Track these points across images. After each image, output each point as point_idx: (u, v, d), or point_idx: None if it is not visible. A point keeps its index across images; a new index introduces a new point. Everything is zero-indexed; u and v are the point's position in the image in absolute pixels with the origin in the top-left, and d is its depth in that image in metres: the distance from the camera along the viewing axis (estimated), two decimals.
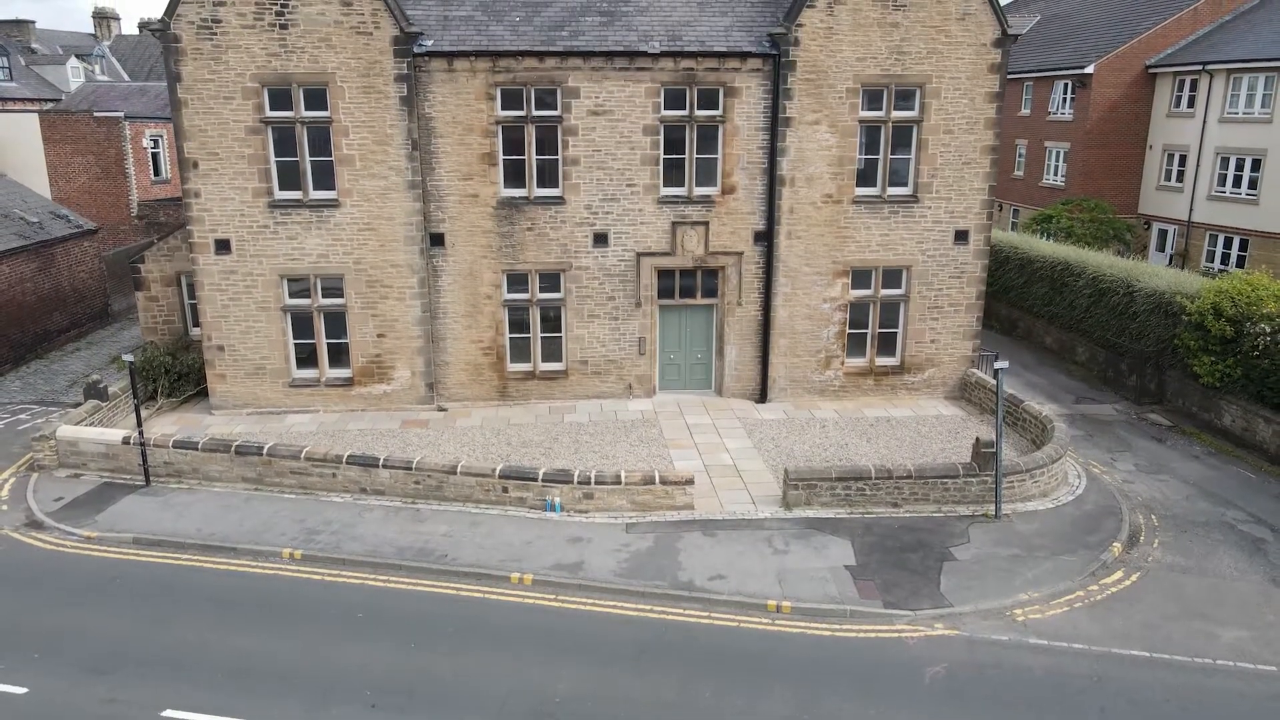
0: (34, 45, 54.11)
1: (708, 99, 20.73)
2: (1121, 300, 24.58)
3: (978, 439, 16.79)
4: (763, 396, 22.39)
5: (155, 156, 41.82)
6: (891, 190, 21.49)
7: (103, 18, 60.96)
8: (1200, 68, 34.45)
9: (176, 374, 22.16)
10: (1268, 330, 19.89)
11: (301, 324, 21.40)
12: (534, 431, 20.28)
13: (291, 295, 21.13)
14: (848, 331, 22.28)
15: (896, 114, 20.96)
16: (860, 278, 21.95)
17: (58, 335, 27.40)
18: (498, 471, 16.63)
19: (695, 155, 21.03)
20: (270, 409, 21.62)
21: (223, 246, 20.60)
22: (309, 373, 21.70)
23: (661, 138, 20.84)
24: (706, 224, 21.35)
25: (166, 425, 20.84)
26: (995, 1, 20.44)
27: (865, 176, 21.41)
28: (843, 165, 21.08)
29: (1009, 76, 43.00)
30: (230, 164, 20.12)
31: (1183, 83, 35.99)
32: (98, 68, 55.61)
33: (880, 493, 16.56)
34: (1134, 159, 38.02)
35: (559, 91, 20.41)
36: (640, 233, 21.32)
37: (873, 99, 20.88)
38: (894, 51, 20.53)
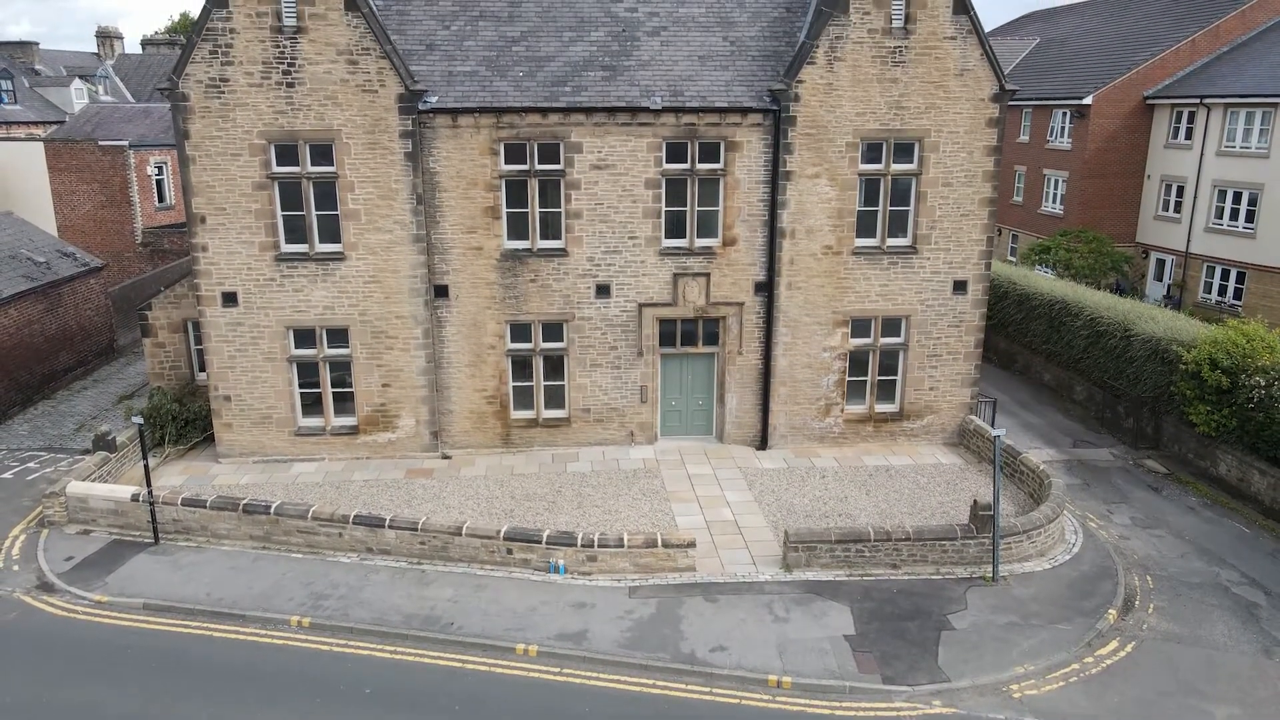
0: (38, 66, 54.43)
1: (709, 153, 20.98)
2: (1119, 343, 24.82)
3: (975, 501, 17.03)
4: (763, 443, 22.63)
5: (159, 183, 42.08)
6: (891, 241, 21.74)
7: (106, 36, 61.22)
8: (1198, 101, 34.70)
9: (184, 420, 22.41)
10: (1262, 383, 20.14)
11: (307, 373, 21.65)
12: (537, 483, 20.52)
13: (297, 346, 21.37)
14: (847, 379, 22.52)
15: (896, 167, 21.20)
16: (860, 327, 22.19)
17: (65, 374, 27.64)
18: (502, 533, 16.87)
19: (696, 208, 21.28)
20: (276, 457, 21.86)
21: (230, 299, 20.85)
22: (315, 421, 21.94)
23: (663, 191, 21.09)
24: (708, 275, 21.60)
25: (174, 474, 21.09)
26: (993, 58, 20.68)
27: (865, 227, 21.65)
28: (842, 217, 21.32)
29: (1010, 105, 43.30)
30: (237, 218, 20.37)
31: (1180, 114, 36.24)
32: (101, 88, 55.87)
33: (879, 554, 16.81)
34: (1132, 189, 38.27)
35: (562, 146, 20.66)
36: (642, 284, 21.56)
37: (872, 152, 21.13)
38: (893, 106, 20.77)
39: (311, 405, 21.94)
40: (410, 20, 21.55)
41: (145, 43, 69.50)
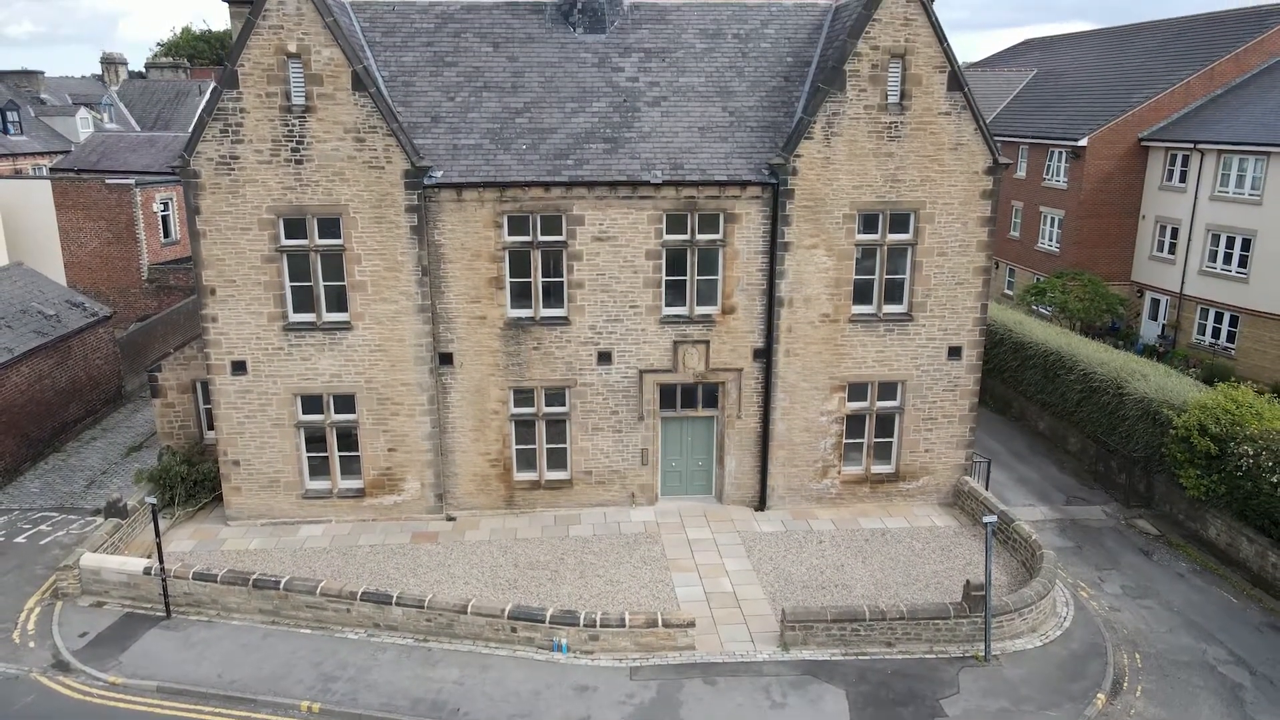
0: (43, 95, 54.89)
1: (708, 224, 21.41)
2: (1111, 400, 25.25)
3: (968, 582, 17.45)
4: (762, 504, 23.06)
5: (165, 219, 42.45)
6: (887, 308, 22.16)
7: (110, 63, 61.67)
8: (1192, 145, 35.12)
9: (193, 481, 22.86)
10: (1250, 452, 20.55)
11: (314, 438, 22.07)
12: (541, 548, 20.94)
13: (305, 412, 21.80)
14: (844, 441, 22.94)
15: (892, 237, 21.64)
16: (856, 391, 22.62)
17: (74, 424, 28.07)
18: (506, 612, 17.29)
19: (696, 277, 21.71)
20: (284, 519, 22.29)
21: (239, 368, 21.28)
22: (321, 484, 22.37)
23: (664, 261, 21.52)
24: (707, 342, 22.03)
25: (184, 538, 21.52)
26: (986, 133, 21.11)
27: (861, 295, 22.07)
28: (839, 286, 21.75)
29: (1006, 140, 43.86)
30: (247, 290, 20.81)
31: (1175, 157, 36.68)
32: (106, 115, 56.36)
33: (875, 633, 17.23)
34: (1127, 228, 38.71)
35: (564, 219, 21.09)
36: (643, 351, 21.99)
37: (868, 223, 21.56)
38: (889, 179, 21.21)
39: (318, 467, 22.37)
40: (416, 91, 21.98)
41: (149, 65, 70.04)
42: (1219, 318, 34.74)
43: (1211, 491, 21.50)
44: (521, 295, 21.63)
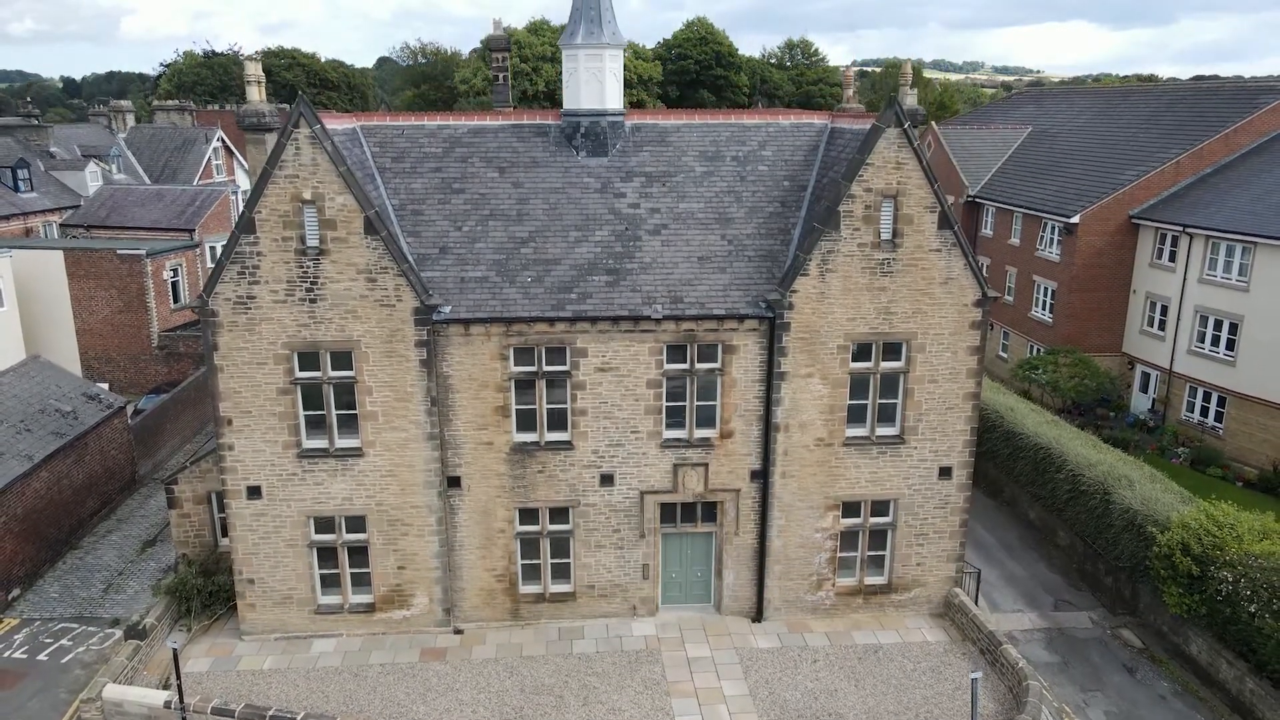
0: (52, 149, 55.67)
1: (708, 354, 22.18)
2: (1099, 505, 26.01)
3: None
4: (759, 614, 23.83)
5: (174, 285, 43.26)
6: (880, 431, 22.93)
7: (117, 111, 62.46)
8: (1181, 229, 35.89)
9: (209, 593, 23.65)
10: (1229, 578, 21.31)
11: (326, 554, 22.84)
12: (545, 668, 21.70)
13: (318, 532, 22.57)
14: (839, 555, 23.71)
15: (885, 365, 22.41)
16: (850, 509, 23.39)
17: (90, 518, 28.84)
18: None
19: (695, 402, 22.48)
20: (297, 634, 23.06)
21: (254, 492, 22.05)
22: (333, 599, 23.15)
23: (664, 390, 22.29)
24: (706, 465, 22.80)
25: (200, 654, 22.30)
26: (975, 268, 21.88)
27: (855, 418, 22.84)
28: (834, 412, 22.52)
29: (1000, 207, 44.63)
30: (262, 420, 21.58)
31: (1164, 236, 37.45)
32: (115, 166, 57.14)
33: None
34: (1119, 301, 39.49)
35: (568, 350, 21.86)
36: (644, 473, 22.76)
37: (862, 353, 22.32)
38: (882, 312, 21.98)
39: (330, 582, 23.14)
40: (425, 220, 22.76)
41: (156, 108, 70.89)
42: (1207, 397, 35.51)
43: (1193, 611, 22.26)
44: (527, 421, 22.41)
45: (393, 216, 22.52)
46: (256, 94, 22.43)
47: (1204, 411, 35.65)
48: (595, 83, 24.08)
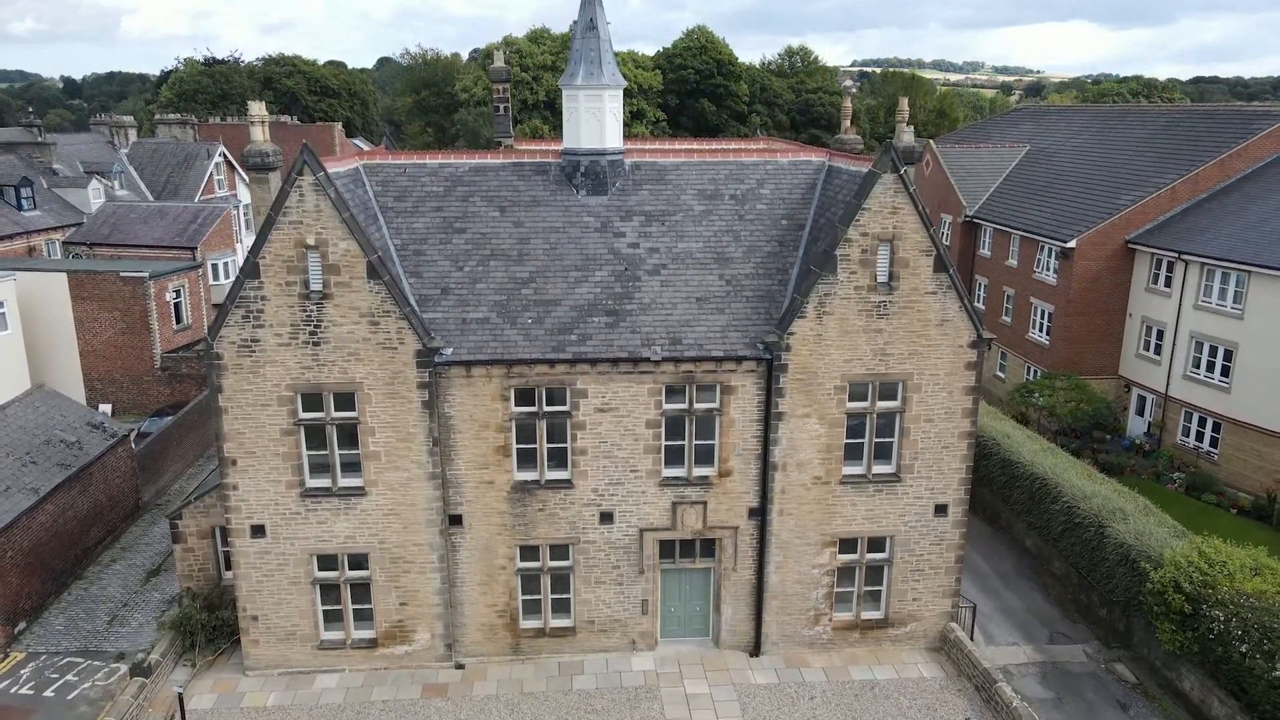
0: (55, 165, 55.90)
1: (706, 395, 22.45)
2: (1093, 538, 26.26)
3: None
4: (757, 649, 24.11)
5: (177, 306, 43.52)
6: (876, 469, 23.20)
7: (119, 126, 62.71)
8: (1176, 255, 36.15)
9: (212, 628, 23.92)
10: (1221, 617, 21.56)
11: (329, 590, 23.12)
12: (545, 707, 21.98)
13: (320, 569, 22.84)
14: (836, 589, 23.99)
15: (881, 405, 22.68)
16: (847, 545, 23.66)
17: (95, 547, 29.10)
18: None
19: (694, 441, 22.75)
20: (300, 669, 23.33)
21: (258, 531, 22.33)
22: (336, 634, 23.42)
23: (663, 430, 22.56)
24: (705, 503, 23.07)
25: (205, 690, 22.57)
26: (970, 310, 22.15)
27: (852, 456, 23.11)
28: (830, 451, 22.79)
29: (998, 228, 44.89)
30: (266, 460, 21.86)
31: (1160, 262, 37.71)
32: (117, 183, 57.38)
33: None
34: (1115, 325, 39.74)
35: (568, 392, 22.13)
36: (643, 511, 23.04)
37: (858, 393, 22.60)
38: (878, 353, 22.25)
39: (333, 617, 23.41)
40: (427, 261, 23.04)
41: (158, 122, 71.14)
42: (1203, 422, 35.77)
43: (1186, 648, 22.52)
44: (527, 460, 22.68)
45: (395, 257, 22.80)
46: (260, 134, 22.64)
47: (1199, 436, 35.92)
48: (595, 122, 24.35)
